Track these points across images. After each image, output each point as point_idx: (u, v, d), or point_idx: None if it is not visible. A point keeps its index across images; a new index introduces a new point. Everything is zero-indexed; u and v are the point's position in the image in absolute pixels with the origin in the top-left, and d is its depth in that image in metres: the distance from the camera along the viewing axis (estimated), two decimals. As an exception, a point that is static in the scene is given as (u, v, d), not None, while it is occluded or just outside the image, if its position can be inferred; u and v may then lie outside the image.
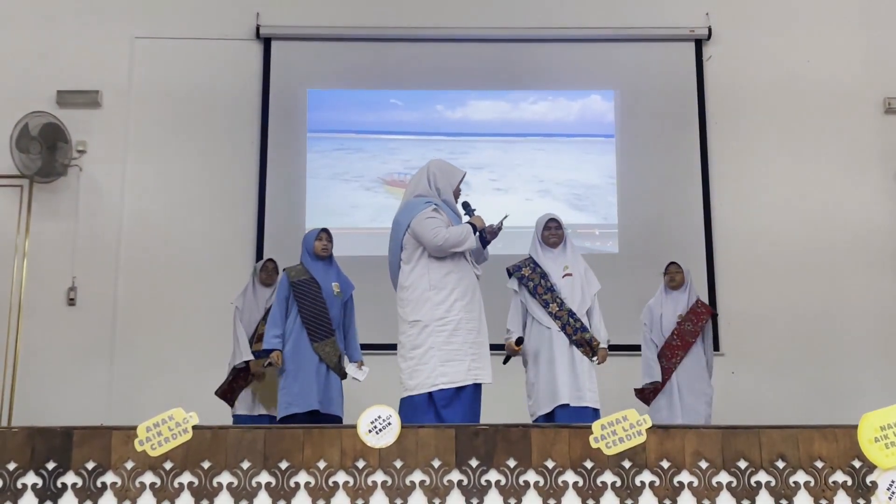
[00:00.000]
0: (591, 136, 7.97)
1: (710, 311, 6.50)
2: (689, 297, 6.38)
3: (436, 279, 4.83)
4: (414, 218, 4.87)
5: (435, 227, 4.81)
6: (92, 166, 7.65)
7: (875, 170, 7.75)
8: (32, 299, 7.39)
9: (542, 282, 5.53)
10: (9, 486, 3.36)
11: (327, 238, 5.88)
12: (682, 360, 6.21)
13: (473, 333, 4.84)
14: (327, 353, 5.62)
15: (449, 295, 4.82)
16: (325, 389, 5.61)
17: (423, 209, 4.88)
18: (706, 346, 6.36)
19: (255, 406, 6.25)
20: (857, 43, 7.94)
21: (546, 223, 5.71)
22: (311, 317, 5.67)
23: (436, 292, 4.81)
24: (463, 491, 3.37)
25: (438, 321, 4.78)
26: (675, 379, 6.19)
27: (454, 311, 4.80)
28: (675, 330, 6.27)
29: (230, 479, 3.38)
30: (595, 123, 8.00)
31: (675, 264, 6.48)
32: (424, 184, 5.02)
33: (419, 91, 8.05)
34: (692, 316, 6.30)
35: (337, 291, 5.78)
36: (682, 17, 7.99)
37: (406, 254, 4.91)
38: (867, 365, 7.32)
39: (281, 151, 7.84)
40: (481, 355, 4.85)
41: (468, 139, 7.95)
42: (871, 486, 3.37)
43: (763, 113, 7.85)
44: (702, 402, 6.15)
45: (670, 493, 3.38)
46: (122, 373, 7.30)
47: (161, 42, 7.86)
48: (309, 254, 5.87)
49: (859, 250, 7.60)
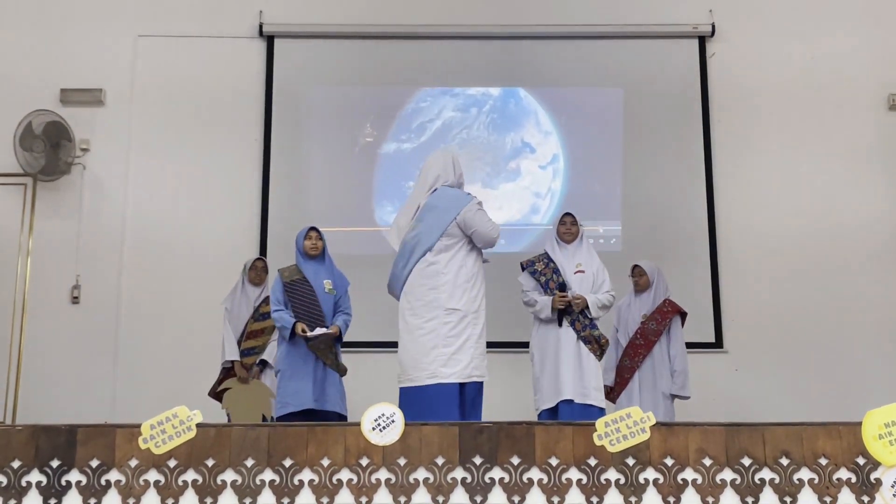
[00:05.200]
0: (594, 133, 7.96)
1: (678, 310, 6.29)
2: (655, 297, 6.30)
3: (471, 272, 4.96)
4: (464, 207, 4.97)
5: (490, 220, 5.01)
6: (95, 164, 7.65)
7: (879, 166, 7.74)
8: (36, 297, 7.40)
9: (554, 276, 5.57)
10: (13, 484, 3.37)
11: (317, 236, 5.86)
12: (644, 359, 6.14)
13: (480, 328, 4.95)
14: (322, 351, 5.61)
15: (480, 290, 4.98)
16: (321, 387, 5.60)
17: (472, 200, 5.03)
18: (672, 345, 6.20)
19: None
20: (861, 40, 7.92)
21: (561, 218, 5.81)
22: (305, 315, 5.64)
23: (471, 285, 4.93)
24: (467, 488, 3.37)
25: (474, 314, 4.91)
26: (637, 378, 6.12)
27: (483, 307, 4.97)
28: (638, 329, 6.20)
29: (234, 477, 3.39)
30: (599, 121, 7.98)
31: (638, 267, 6.41)
32: (450, 171, 5.14)
33: (422, 89, 8.04)
34: (657, 315, 6.21)
35: (329, 289, 5.77)
36: (686, 14, 7.97)
37: (448, 242, 4.96)
38: (871, 362, 7.30)
39: (284, 149, 7.83)
40: (483, 353, 4.97)
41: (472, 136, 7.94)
42: (875, 483, 3.37)
43: (767, 110, 7.84)
44: (660, 402, 6.01)
45: (674, 491, 3.38)
46: (126, 371, 7.30)
47: (164, 40, 7.86)
48: (300, 253, 5.86)
49: (863, 247, 7.58)
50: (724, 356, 7.46)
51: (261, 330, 6.34)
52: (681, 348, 6.23)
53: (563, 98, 8.04)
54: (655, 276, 6.37)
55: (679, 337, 6.27)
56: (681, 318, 6.32)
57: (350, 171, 7.88)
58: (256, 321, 6.36)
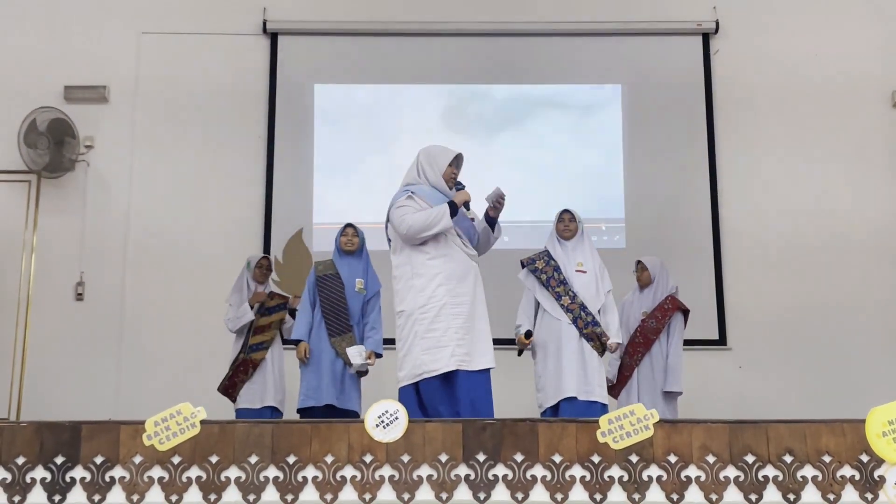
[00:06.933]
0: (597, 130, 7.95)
1: (679, 307, 6.21)
2: (656, 294, 6.24)
3: (418, 266, 4.76)
4: (390, 209, 4.87)
5: (402, 215, 4.75)
6: (99, 161, 7.66)
7: (883, 163, 7.72)
8: (40, 294, 7.41)
9: (556, 274, 5.54)
10: (18, 481, 3.38)
11: (353, 233, 5.97)
12: (643, 356, 6.10)
13: (461, 318, 4.69)
14: (343, 349, 5.66)
15: (430, 281, 4.72)
16: (340, 384, 5.66)
17: (398, 198, 4.85)
18: (671, 343, 6.13)
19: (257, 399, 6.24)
20: (865, 36, 7.90)
21: (560, 215, 5.75)
22: (331, 311, 5.77)
23: (418, 280, 4.74)
24: (470, 485, 3.37)
25: (420, 308, 4.69)
26: (637, 376, 6.08)
27: (436, 297, 4.68)
28: (638, 327, 6.16)
29: (238, 474, 3.39)
30: (602, 118, 7.98)
31: (640, 263, 6.38)
32: (413, 173, 5.01)
33: (426, 86, 8.04)
34: (658, 312, 6.15)
35: (359, 287, 5.85)
36: (690, 10, 7.96)
37: (392, 245, 4.90)
38: (875, 359, 7.29)
39: (288, 147, 7.83)
40: (471, 341, 4.70)
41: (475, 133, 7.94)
42: (878, 481, 3.37)
43: (770, 107, 7.83)
44: (659, 400, 5.95)
45: (678, 488, 3.38)
46: (130, 367, 7.31)
47: (168, 37, 7.86)
48: (337, 249, 5.97)
49: (867, 244, 7.57)
50: (728, 353, 7.46)
51: (268, 325, 6.35)
52: (676, 345, 6.15)
53: (566, 94, 8.04)
54: (658, 272, 6.32)
55: (677, 334, 6.18)
56: (683, 315, 6.25)
57: (354, 168, 7.89)
58: (263, 316, 6.36)
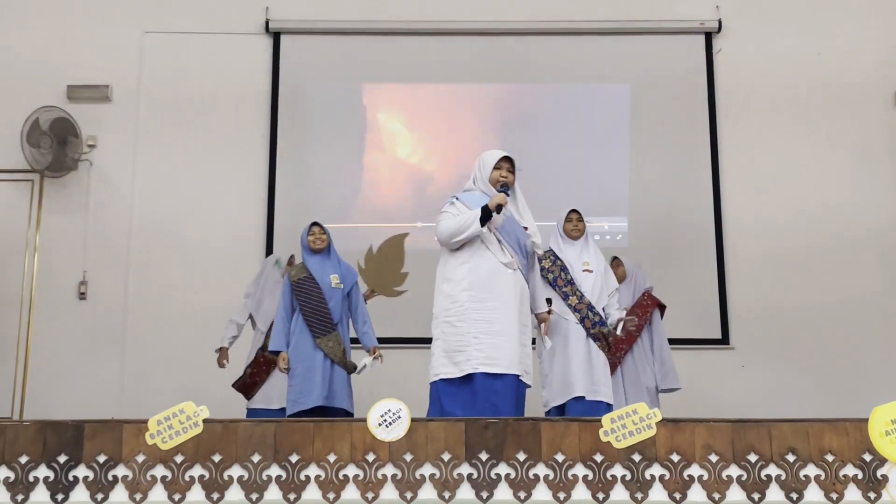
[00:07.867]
0: (601, 129, 7.95)
1: (657, 303, 6.24)
2: (634, 291, 6.25)
3: (449, 271, 4.84)
4: None
5: (439, 221, 4.85)
6: (102, 161, 7.66)
7: (885, 163, 7.72)
8: (43, 293, 7.41)
9: (563, 274, 5.54)
10: (21, 480, 3.38)
11: (319, 231, 5.89)
12: (625, 354, 6.09)
13: (484, 323, 4.70)
14: (331, 348, 5.63)
15: (457, 285, 4.78)
16: (329, 384, 5.63)
17: (445, 205, 4.94)
18: (657, 340, 6.17)
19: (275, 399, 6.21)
20: (867, 36, 7.90)
21: (567, 215, 5.74)
22: (311, 313, 5.69)
23: (447, 284, 4.82)
24: (473, 484, 3.37)
25: (445, 312, 4.78)
26: (621, 373, 6.07)
27: (460, 300, 4.74)
28: None
29: (241, 473, 3.39)
30: (605, 117, 7.98)
31: (616, 258, 6.38)
32: (470, 179, 5.05)
33: (428, 85, 8.04)
34: (637, 309, 6.14)
35: (336, 283, 5.79)
36: (692, 9, 7.96)
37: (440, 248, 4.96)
38: (878, 359, 7.28)
39: (290, 145, 7.83)
40: (493, 345, 4.69)
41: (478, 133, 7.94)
42: (881, 480, 3.37)
43: (773, 106, 7.82)
44: (644, 397, 5.94)
45: (680, 487, 3.38)
46: (133, 366, 7.32)
47: (171, 37, 7.87)
48: (305, 249, 5.90)
49: (869, 243, 7.56)
50: (731, 353, 7.45)
51: None
52: (662, 341, 6.19)
53: (570, 94, 8.03)
54: (633, 270, 6.34)
55: (660, 330, 6.23)
56: (660, 311, 6.28)
57: (357, 167, 7.89)
58: None
